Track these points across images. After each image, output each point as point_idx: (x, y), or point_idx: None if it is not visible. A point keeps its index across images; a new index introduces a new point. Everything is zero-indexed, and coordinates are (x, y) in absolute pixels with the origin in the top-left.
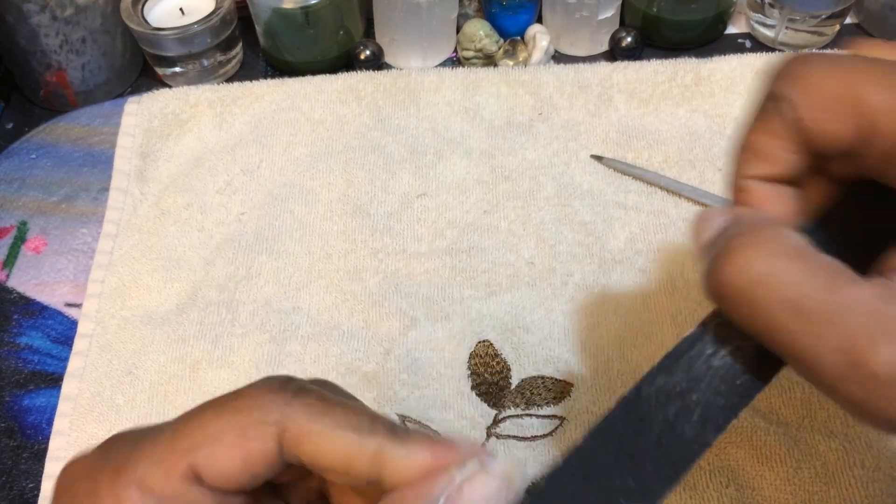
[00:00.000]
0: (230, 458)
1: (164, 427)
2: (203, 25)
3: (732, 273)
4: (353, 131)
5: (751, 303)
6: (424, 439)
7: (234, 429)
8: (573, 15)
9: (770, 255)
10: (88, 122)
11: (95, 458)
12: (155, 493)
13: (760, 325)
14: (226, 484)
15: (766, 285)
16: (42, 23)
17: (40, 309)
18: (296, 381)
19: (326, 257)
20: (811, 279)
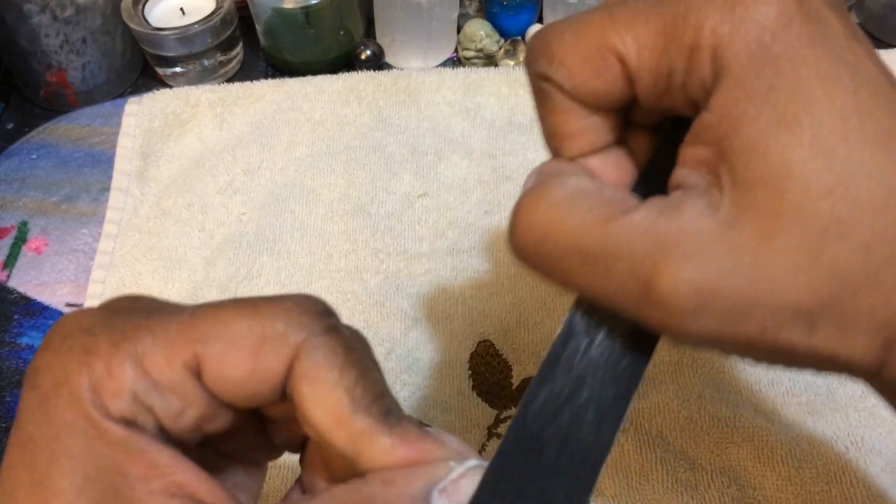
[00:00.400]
0: (238, 363)
1: (180, 309)
2: (203, 25)
3: (519, 232)
4: (353, 131)
5: (544, 258)
6: (413, 434)
7: (253, 335)
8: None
9: (548, 206)
10: (89, 123)
11: (97, 318)
12: (150, 375)
13: (561, 279)
14: (224, 389)
15: (548, 237)
16: (42, 23)
17: (41, 309)
18: (334, 317)
19: (327, 257)
20: (587, 218)
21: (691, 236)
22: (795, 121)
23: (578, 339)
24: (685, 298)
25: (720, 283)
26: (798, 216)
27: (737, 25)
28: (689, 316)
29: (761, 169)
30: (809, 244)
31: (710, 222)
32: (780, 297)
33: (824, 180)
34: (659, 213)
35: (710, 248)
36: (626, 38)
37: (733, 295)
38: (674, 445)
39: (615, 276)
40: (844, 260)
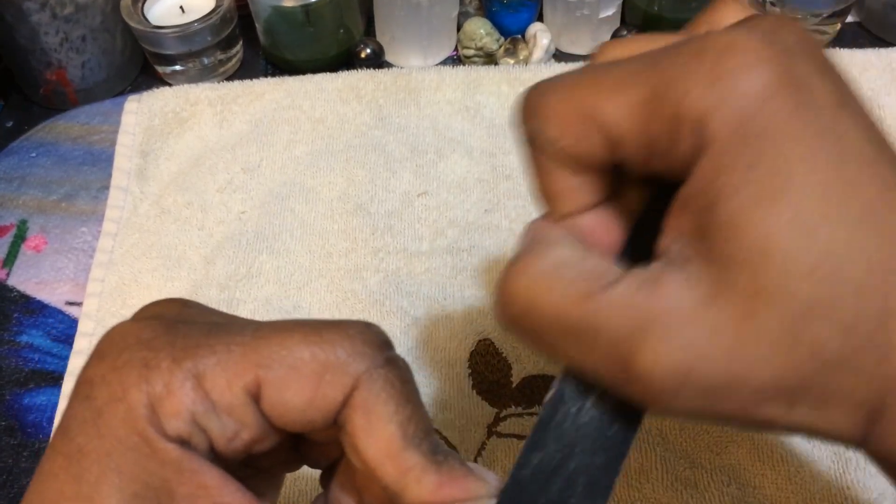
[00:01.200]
0: (299, 390)
1: (241, 327)
2: (203, 24)
3: (504, 304)
4: (353, 130)
5: (528, 330)
6: (458, 472)
7: (316, 364)
8: (574, 13)
9: (529, 279)
10: (88, 121)
11: (156, 330)
12: (210, 397)
13: (547, 352)
14: (280, 415)
15: (531, 311)
16: (42, 21)
17: (40, 307)
18: (392, 348)
19: (327, 256)
20: (567, 293)
21: (669, 314)
22: (776, 198)
23: (568, 405)
24: (663, 378)
25: (698, 363)
26: (777, 297)
27: (720, 98)
28: (668, 394)
29: (740, 246)
30: (789, 325)
31: (689, 299)
32: (758, 379)
33: (805, 260)
34: (637, 288)
35: (687, 326)
36: (609, 105)
37: (711, 375)
38: (673, 444)
39: (596, 352)
40: (825, 341)
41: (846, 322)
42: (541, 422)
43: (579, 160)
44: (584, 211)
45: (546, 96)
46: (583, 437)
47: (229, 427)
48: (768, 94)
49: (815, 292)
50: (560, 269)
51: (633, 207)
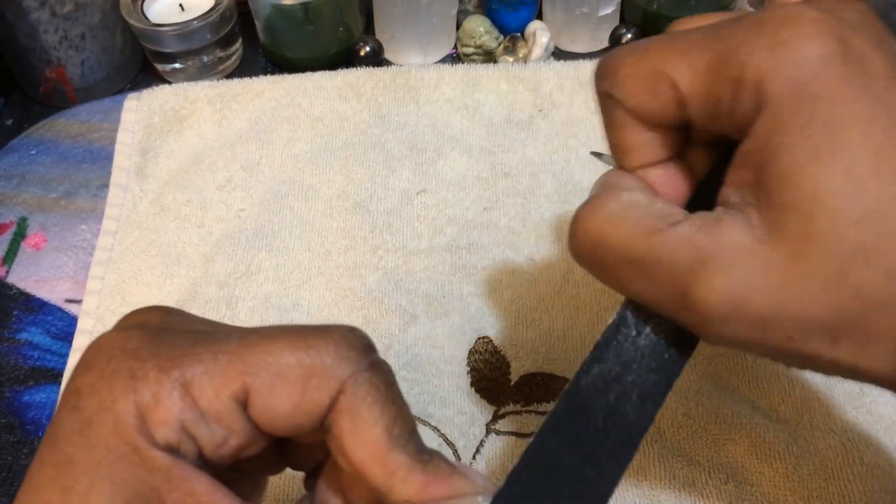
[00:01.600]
0: (285, 396)
1: (226, 335)
2: (203, 21)
3: (577, 239)
4: (352, 128)
5: (598, 263)
6: (444, 472)
7: (302, 369)
8: (573, 11)
9: (602, 216)
10: (88, 119)
11: (143, 342)
12: (199, 405)
13: (612, 282)
14: (268, 420)
15: (601, 245)
16: (41, 19)
17: (40, 305)
18: (376, 352)
19: (326, 254)
20: (635, 229)
21: (727, 250)
22: (829, 154)
23: (628, 330)
24: (718, 306)
25: (750, 295)
26: (826, 241)
27: (779, 64)
28: (721, 322)
29: (793, 195)
30: (836, 268)
31: (745, 239)
32: (805, 313)
33: (853, 210)
34: (699, 227)
35: (743, 262)
36: (681, 66)
37: (762, 307)
38: (671, 442)
39: (657, 282)
40: (869, 284)
41: (890, 267)
42: (602, 341)
43: (650, 117)
44: (653, 164)
45: (622, 58)
46: (640, 358)
47: (218, 434)
48: (825, 62)
49: (862, 239)
50: (630, 209)
51: (699, 168)
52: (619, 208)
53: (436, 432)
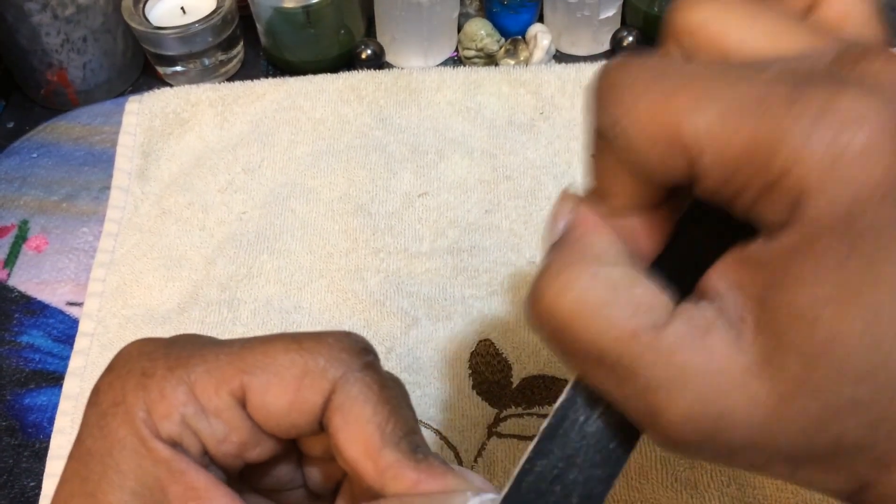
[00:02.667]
0: (280, 394)
1: (232, 342)
2: (204, 24)
3: (539, 313)
4: (354, 130)
5: (559, 344)
6: (438, 470)
7: (296, 368)
8: (574, 14)
9: (574, 298)
10: (89, 121)
11: (158, 347)
12: (199, 401)
13: (572, 367)
14: (265, 418)
15: (569, 330)
16: (43, 22)
17: (41, 308)
18: (372, 355)
19: (328, 256)
20: (612, 329)
21: (712, 376)
22: (857, 301)
23: (577, 412)
24: (689, 434)
25: (727, 427)
26: (821, 393)
27: (831, 181)
28: (688, 446)
29: (804, 338)
30: (823, 416)
31: (735, 366)
32: (778, 447)
33: (861, 367)
34: (684, 336)
35: (727, 393)
36: (705, 138)
37: (736, 439)
38: None
39: (625, 390)
40: (850, 434)
41: (875, 419)
42: (549, 427)
43: (650, 176)
44: (635, 213)
45: (632, 94)
46: (586, 449)
47: (218, 429)
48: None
49: (859, 394)
50: (606, 297)
51: (675, 212)
52: (593, 294)
53: (437, 435)
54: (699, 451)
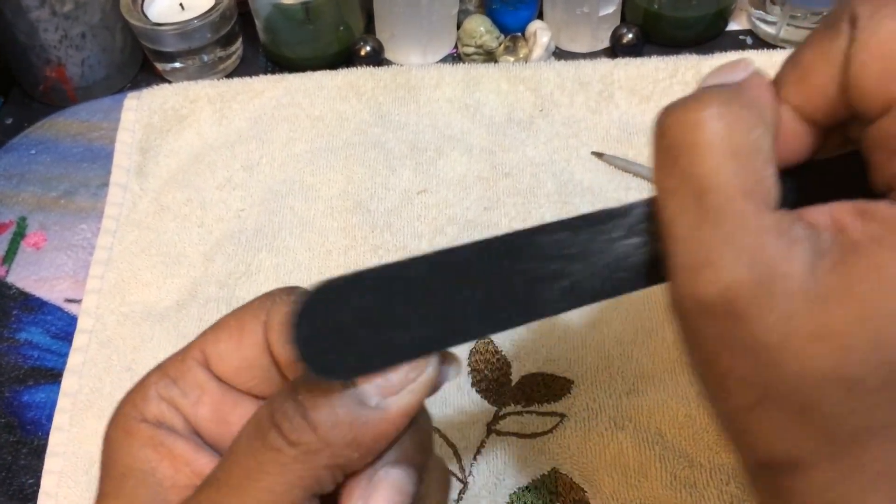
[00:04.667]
0: (229, 345)
1: None
2: (203, 21)
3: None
4: (353, 127)
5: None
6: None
7: (236, 321)
8: (574, 11)
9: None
10: (88, 118)
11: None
12: (168, 374)
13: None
14: (227, 370)
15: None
16: (41, 18)
17: (40, 304)
18: (297, 289)
19: (326, 254)
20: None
21: (774, 273)
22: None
23: (620, 227)
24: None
25: (753, 316)
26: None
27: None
28: (700, 314)
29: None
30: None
31: (796, 279)
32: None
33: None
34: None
35: (773, 291)
36: None
37: (749, 332)
38: (672, 443)
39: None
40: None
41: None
42: (591, 216)
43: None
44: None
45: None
46: (604, 257)
47: (191, 393)
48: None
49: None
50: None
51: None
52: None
53: (436, 433)
54: (702, 323)
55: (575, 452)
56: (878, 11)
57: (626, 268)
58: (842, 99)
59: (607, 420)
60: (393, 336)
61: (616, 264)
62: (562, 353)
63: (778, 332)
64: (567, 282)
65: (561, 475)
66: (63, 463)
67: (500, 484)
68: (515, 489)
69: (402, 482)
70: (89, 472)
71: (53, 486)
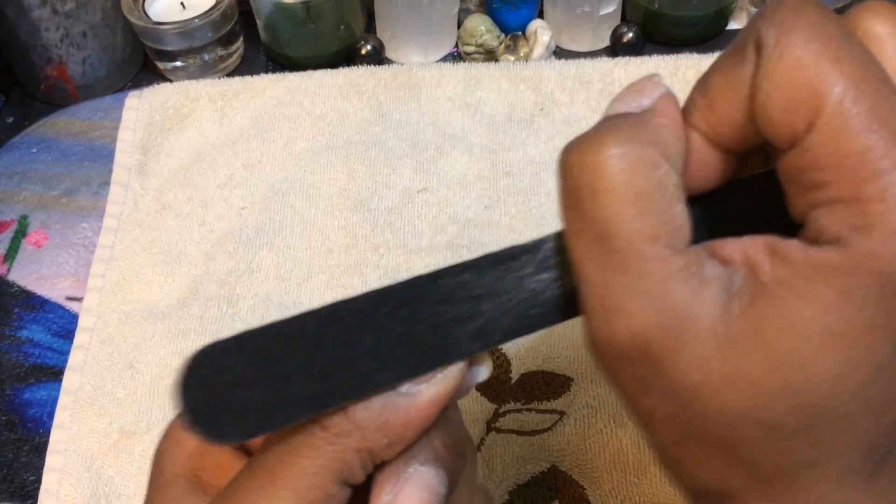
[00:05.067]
0: None
1: None
2: (204, 20)
3: (568, 167)
4: (353, 126)
5: (579, 196)
6: None
7: None
8: (574, 10)
9: (636, 168)
10: (89, 117)
11: None
12: None
13: (567, 221)
14: None
15: (603, 190)
16: (43, 17)
17: (41, 303)
18: None
19: (327, 252)
20: (645, 220)
21: (686, 317)
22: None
23: (530, 263)
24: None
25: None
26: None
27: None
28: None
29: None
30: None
31: (708, 321)
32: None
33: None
34: (685, 273)
35: (684, 336)
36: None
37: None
38: None
39: (607, 277)
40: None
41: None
42: (497, 254)
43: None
44: (713, 139)
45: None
46: (514, 296)
47: None
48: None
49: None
50: (656, 192)
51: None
52: (645, 179)
53: None
54: (619, 366)
55: (574, 450)
56: (784, 38)
57: (541, 303)
58: (751, 127)
59: (607, 417)
60: (286, 393)
61: (530, 301)
62: (561, 350)
63: (692, 375)
64: (478, 322)
65: (560, 472)
66: (64, 460)
67: (500, 481)
68: (515, 486)
69: (431, 481)
70: (90, 469)
71: (54, 483)
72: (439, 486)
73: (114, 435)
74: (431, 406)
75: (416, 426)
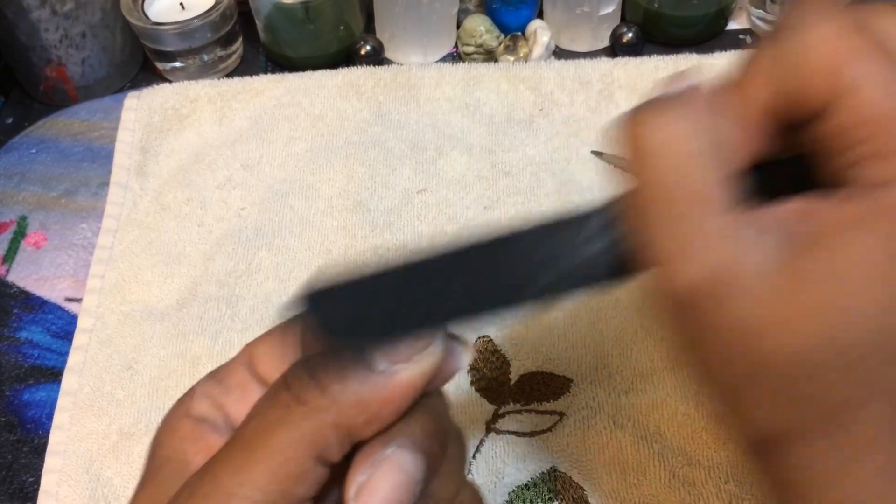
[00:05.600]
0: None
1: None
2: (203, 20)
3: (639, 133)
4: (353, 126)
5: (638, 157)
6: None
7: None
8: (574, 10)
9: (692, 134)
10: (88, 117)
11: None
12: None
13: (633, 181)
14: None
15: (662, 154)
16: (42, 17)
17: (40, 304)
18: None
19: (326, 252)
20: (703, 177)
21: (738, 268)
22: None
23: (592, 228)
24: (686, 291)
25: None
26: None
27: None
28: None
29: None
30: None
31: (757, 271)
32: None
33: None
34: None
35: (740, 283)
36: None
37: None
38: (671, 441)
39: (668, 229)
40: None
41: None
42: (559, 219)
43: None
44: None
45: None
46: (570, 263)
47: (233, 392)
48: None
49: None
50: (712, 152)
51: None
52: (699, 143)
53: None
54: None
55: (574, 451)
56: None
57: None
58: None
59: (606, 418)
60: (394, 315)
61: (583, 270)
62: (561, 351)
63: (751, 317)
64: (531, 287)
65: (560, 473)
66: (63, 461)
67: (500, 482)
68: (514, 487)
69: (408, 464)
70: (89, 470)
71: (54, 484)
72: (416, 471)
73: (113, 436)
74: (408, 386)
75: (393, 406)
